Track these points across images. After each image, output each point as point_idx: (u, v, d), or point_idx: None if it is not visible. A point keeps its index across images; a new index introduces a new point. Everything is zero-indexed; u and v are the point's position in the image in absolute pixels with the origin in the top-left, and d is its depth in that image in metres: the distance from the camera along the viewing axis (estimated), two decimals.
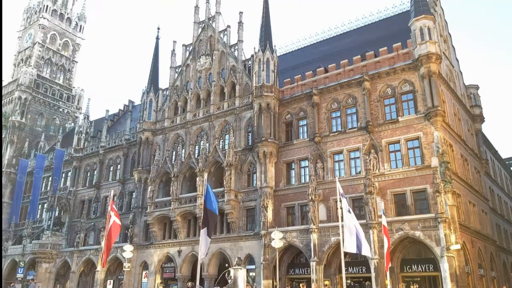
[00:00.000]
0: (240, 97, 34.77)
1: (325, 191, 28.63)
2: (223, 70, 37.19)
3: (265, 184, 30.28)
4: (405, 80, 28.21)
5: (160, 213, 34.64)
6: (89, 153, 45.43)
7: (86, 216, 41.65)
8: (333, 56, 34.15)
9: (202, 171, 32.42)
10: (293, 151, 31.36)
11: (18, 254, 43.72)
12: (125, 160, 41.99)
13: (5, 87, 60.14)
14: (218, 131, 35.21)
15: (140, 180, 37.53)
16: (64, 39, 64.48)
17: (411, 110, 27.48)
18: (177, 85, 39.74)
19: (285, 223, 29.69)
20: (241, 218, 31.61)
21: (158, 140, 38.71)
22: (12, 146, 53.86)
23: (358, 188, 27.14)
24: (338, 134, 29.67)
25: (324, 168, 29.45)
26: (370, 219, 24.60)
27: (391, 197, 26.20)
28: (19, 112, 55.19)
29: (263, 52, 33.31)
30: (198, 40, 39.87)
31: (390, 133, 27.65)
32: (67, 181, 46.86)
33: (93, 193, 42.96)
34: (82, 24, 67.29)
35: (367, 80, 29.04)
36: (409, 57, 28.19)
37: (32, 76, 57.43)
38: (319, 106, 31.03)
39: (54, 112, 60.24)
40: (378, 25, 36.27)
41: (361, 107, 29.23)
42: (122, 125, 48.02)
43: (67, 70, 63.91)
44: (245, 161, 32.73)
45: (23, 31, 64.52)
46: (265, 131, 31.16)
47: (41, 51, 60.80)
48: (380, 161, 27.32)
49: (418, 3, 28.46)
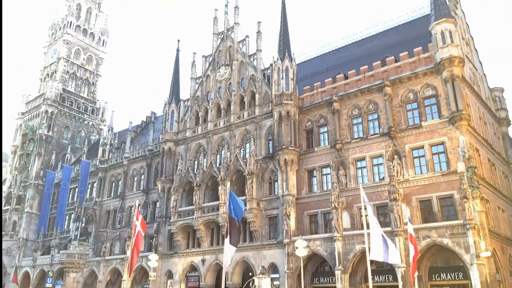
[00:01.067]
0: (260, 105, 34.96)
1: (348, 199, 28.36)
2: (242, 80, 37.51)
3: (287, 192, 30.22)
4: (427, 84, 27.81)
5: (183, 222, 34.97)
6: (114, 164, 46.38)
7: (111, 226, 42.48)
8: (352, 62, 34.01)
9: (224, 180, 32.64)
10: (314, 158, 31.23)
11: (46, 264, 44.88)
12: (148, 170, 42.67)
13: (32, 101, 62.18)
14: (239, 140, 35.44)
15: (164, 190, 38.04)
16: (88, 54, 66.31)
17: (434, 115, 27.03)
18: (198, 96, 40.28)
19: (308, 231, 29.52)
20: (263, 227, 31.60)
21: (180, 150, 39.22)
22: (40, 159, 55.42)
23: (382, 195, 26.78)
24: (360, 141, 29.41)
25: (346, 175, 29.21)
26: (396, 227, 24.23)
27: (416, 204, 25.72)
28: (46, 126, 56.85)
29: (282, 60, 33.46)
30: (217, 51, 40.39)
31: (414, 139, 27.23)
32: (93, 191, 47.89)
33: (118, 203, 43.76)
34: (104, 38, 69.08)
35: (388, 85, 28.76)
36: (430, 61, 27.81)
37: (58, 90, 59.16)
38: (340, 112, 30.87)
39: (80, 125, 61.81)
40: (397, 30, 35.96)
41: (382, 112, 28.93)
42: (145, 136, 48.90)
43: (91, 84, 65.61)
44: (266, 169, 32.79)
45: (48, 47, 66.69)
46: (286, 139, 31.18)
47: (66, 65, 62.64)
48: (404, 167, 26.92)
49: (438, 7, 28.11)
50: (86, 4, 68.83)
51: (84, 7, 68.40)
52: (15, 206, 53.61)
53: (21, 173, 56.07)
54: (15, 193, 54.39)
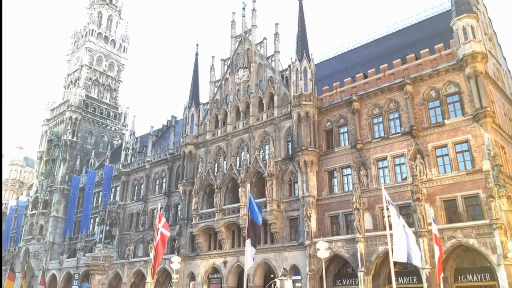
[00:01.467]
0: (278, 107, 34.94)
1: (370, 199, 28.00)
2: (261, 82, 37.59)
3: (307, 194, 30.07)
4: (449, 81, 27.23)
5: (205, 225, 35.23)
6: (136, 168, 47.14)
7: (135, 228, 43.16)
8: (372, 61, 33.62)
9: (244, 182, 32.73)
10: (335, 159, 30.97)
11: (72, 267, 45.92)
12: (170, 173, 43.20)
13: (57, 108, 63.85)
14: (258, 141, 35.49)
15: (185, 193, 38.43)
16: (110, 60, 67.72)
17: (458, 112, 26.44)
18: (217, 99, 40.58)
19: (329, 233, 29.27)
20: (284, 228, 31.50)
21: (201, 153, 39.56)
22: (65, 164, 56.81)
23: (405, 195, 26.32)
24: (381, 140, 29.02)
25: (368, 175, 28.85)
26: (419, 227, 23.75)
27: (440, 204, 25.18)
28: (70, 132, 58.25)
29: (300, 61, 33.37)
30: (235, 54, 40.62)
31: (437, 137, 26.68)
32: (116, 195, 48.76)
33: (141, 207, 44.43)
34: (125, 45, 70.42)
35: (409, 83, 28.30)
36: (452, 57, 27.22)
37: (81, 96, 60.59)
38: (360, 112, 30.54)
39: (103, 130, 63.10)
40: (417, 27, 35.35)
41: (404, 111, 28.48)
42: (166, 139, 49.54)
43: (113, 90, 66.93)
44: (286, 170, 32.71)
45: (71, 55, 68.41)
46: (305, 139, 31.04)
47: (88, 72, 64.14)
48: (427, 166, 26.40)
49: (459, 2, 27.52)
50: (107, 12, 70.36)
51: (105, 15, 69.94)
52: (41, 210, 55.05)
53: (47, 178, 57.56)
54: (41, 197, 55.87)
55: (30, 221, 55.20)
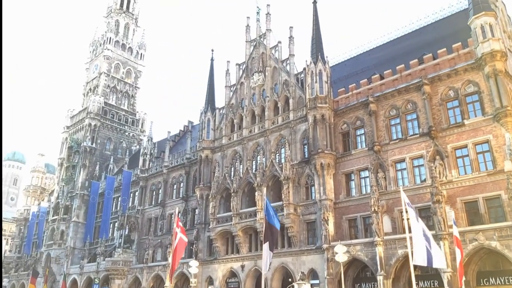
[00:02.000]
0: (294, 110, 34.86)
1: (389, 202, 27.61)
2: (276, 85, 37.60)
3: (324, 197, 29.84)
4: (468, 81, 26.72)
5: (222, 229, 35.32)
6: (154, 173, 47.66)
7: (153, 233, 43.61)
8: (388, 62, 33.26)
9: (260, 186, 32.71)
10: (352, 161, 30.67)
11: (93, 271, 46.58)
12: (187, 178, 43.52)
13: (76, 116, 65.17)
14: (274, 145, 35.46)
15: (202, 197, 38.64)
16: (127, 68, 68.84)
17: (477, 112, 25.90)
18: (233, 103, 40.76)
19: (347, 236, 28.95)
20: (301, 232, 31.32)
21: (217, 157, 39.75)
22: (85, 170, 57.87)
23: (425, 197, 25.87)
24: (399, 142, 28.63)
25: (386, 177, 28.47)
26: (440, 230, 23.30)
27: (461, 206, 24.64)
28: (90, 138, 59.36)
29: (315, 64, 33.27)
30: (250, 58, 40.77)
31: (456, 138, 26.17)
32: (134, 200, 49.36)
33: (159, 211, 44.85)
34: (142, 52, 71.51)
35: (427, 83, 27.88)
36: (471, 56, 26.71)
37: (100, 104, 61.72)
38: (377, 113, 30.21)
39: (121, 136, 64.08)
40: (434, 27, 34.84)
41: (421, 112, 28.05)
42: (183, 144, 49.97)
43: (130, 96, 67.98)
44: (303, 174, 32.55)
45: (90, 63, 69.83)
46: (321, 142, 30.86)
47: (106, 80, 65.32)
48: (446, 167, 25.91)
49: (476, 0, 27.02)
50: (124, 20, 71.63)
51: (122, 23, 71.21)
52: (62, 216, 56.09)
53: (68, 184, 58.70)
54: (62, 203, 56.98)
55: (52, 227, 56.29)
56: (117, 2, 72.28)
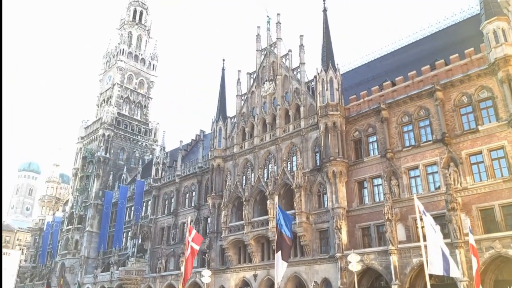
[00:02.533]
0: (305, 118, 34.82)
1: (402, 210, 27.24)
2: (286, 94, 37.65)
3: (337, 205, 29.59)
4: (482, 86, 26.39)
5: (234, 237, 35.24)
6: (166, 182, 47.93)
7: (166, 242, 43.72)
8: (399, 68, 33.08)
9: (272, 194, 32.63)
10: (364, 169, 30.41)
11: (106, 280, 46.83)
12: (199, 187, 43.66)
13: (90, 126, 66.12)
14: (285, 153, 35.39)
15: (214, 206, 38.67)
16: (140, 78, 69.78)
17: (491, 118, 25.53)
18: (244, 112, 40.91)
19: (361, 245, 28.60)
20: (314, 241, 31.05)
21: (229, 165, 39.82)
22: (99, 180, 58.51)
23: (439, 204, 25.48)
24: (412, 149, 28.33)
25: (399, 185, 28.14)
26: (456, 238, 22.88)
27: (477, 213, 24.20)
28: (103, 148, 60.08)
29: (326, 71, 33.25)
30: (261, 67, 40.96)
31: (470, 144, 25.80)
32: (147, 209, 49.63)
33: (172, 220, 44.99)
34: (154, 63, 72.46)
35: (439, 89, 27.61)
36: (483, 62, 26.41)
37: (113, 114, 62.56)
38: (389, 120, 29.99)
39: (134, 146, 64.73)
40: (445, 33, 34.56)
41: (434, 118, 27.76)
42: (195, 153, 50.23)
43: (143, 106, 68.79)
44: (314, 182, 32.37)
45: (103, 74, 70.97)
46: (333, 150, 30.70)
47: (120, 90, 66.27)
48: (461, 174, 25.53)
49: (488, 5, 26.78)
50: (137, 32, 72.78)
51: (134, 35, 72.35)
52: (77, 225, 56.69)
53: (82, 194, 59.36)
54: (76, 213, 57.60)
55: (66, 236, 56.89)
56: (130, 15, 73.58)
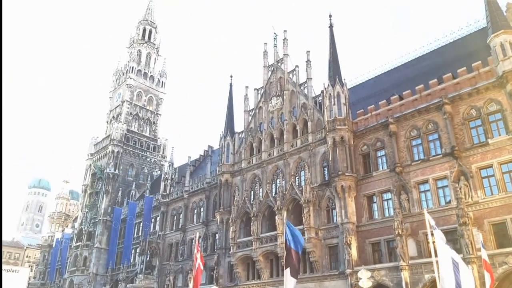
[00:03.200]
0: (312, 133, 34.81)
1: (413, 224, 26.85)
2: (294, 109, 37.77)
3: (346, 220, 29.29)
4: (490, 99, 26.23)
5: (242, 254, 34.95)
6: (175, 198, 47.96)
7: (174, 259, 43.46)
8: (406, 83, 33.05)
9: (281, 209, 32.42)
10: (373, 183, 30.16)
11: None
12: (207, 202, 43.60)
13: (100, 143, 66.81)
14: (293, 168, 35.29)
15: (222, 221, 38.51)
16: (149, 95, 70.68)
17: (501, 131, 25.28)
18: (251, 127, 41.06)
19: (371, 261, 28.16)
20: (323, 257, 30.65)
21: (237, 181, 39.78)
22: (108, 196, 58.80)
23: (450, 219, 25.07)
24: (421, 163, 28.08)
25: (409, 199, 27.83)
26: (468, 253, 22.42)
27: (489, 228, 23.75)
28: (113, 165, 60.55)
29: (333, 86, 33.36)
30: (268, 83, 41.25)
31: (480, 157, 25.51)
32: (156, 225, 49.61)
33: (180, 236, 44.84)
34: (163, 80, 73.50)
35: (448, 103, 27.50)
36: (491, 75, 26.32)
37: (123, 131, 63.24)
38: (397, 134, 29.85)
39: (143, 162, 65.16)
40: (452, 47, 34.59)
41: (443, 132, 27.57)
42: (203, 169, 50.32)
43: (152, 123, 69.49)
44: (323, 196, 32.15)
45: (113, 92, 72.08)
46: (341, 164, 30.56)
47: (129, 107, 67.12)
48: (472, 188, 25.18)
49: (495, 19, 26.85)
50: (146, 50, 74.11)
51: (144, 53, 73.66)
52: (85, 242, 56.78)
53: (91, 211, 59.63)
54: (85, 229, 57.75)
55: (75, 253, 56.96)
56: (139, 33, 75.07)
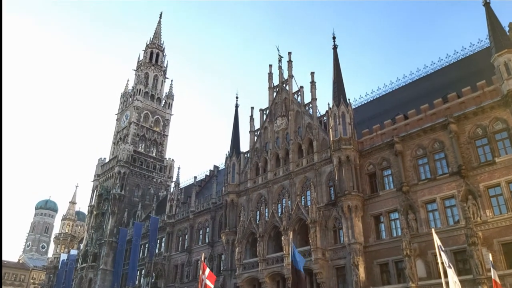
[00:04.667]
0: (318, 152, 34.84)
1: (421, 245, 26.47)
2: (299, 128, 37.94)
3: (353, 240, 28.94)
4: (496, 118, 26.23)
5: (248, 275, 34.49)
6: (180, 219, 47.77)
7: (179, 280, 42.98)
8: (411, 102, 33.18)
9: (287, 230, 32.15)
10: (380, 203, 29.92)
11: None
12: (213, 223, 43.38)
13: (107, 164, 67.21)
14: (299, 187, 35.17)
15: (228, 242, 38.20)
16: (156, 117, 71.44)
17: (508, 150, 25.16)
18: (257, 147, 41.20)
19: (379, 282, 27.67)
20: (331, 278, 30.16)
21: (243, 201, 39.66)
22: (114, 217, 58.67)
23: (459, 239, 24.72)
24: (428, 182, 27.89)
25: (417, 219, 27.50)
26: (478, 274, 22.05)
27: (498, 248, 23.33)
28: (119, 186, 60.70)
29: (338, 106, 33.57)
30: (273, 103, 41.60)
31: (488, 176, 25.30)
32: (161, 246, 49.27)
33: (185, 257, 44.45)
34: (170, 101, 74.41)
35: (453, 122, 27.51)
36: (496, 94, 26.40)
37: (130, 152, 63.66)
38: (403, 154, 29.78)
39: (149, 183, 65.26)
40: (456, 66, 34.88)
41: (449, 151, 27.48)
42: (209, 189, 50.28)
43: (159, 144, 69.95)
44: (330, 216, 31.89)
45: (120, 113, 72.99)
46: (347, 184, 30.42)
47: (136, 129, 67.78)
48: (480, 207, 24.89)
49: (498, 38, 27.13)
50: (153, 73, 75.36)
51: (151, 75, 74.89)
52: (91, 263, 56.41)
53: (97, 232, 59.48)
54: (91, 251, 57.46)
55: (80, 275, 56.54)
56: (147, 57, 76.52)
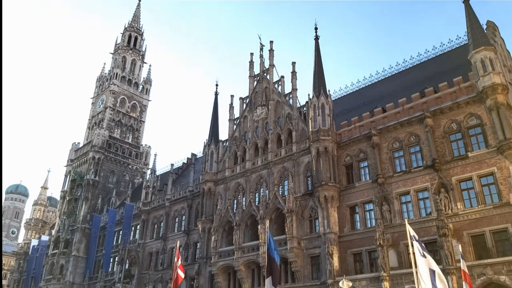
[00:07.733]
0: (297, 143, 34.99)
1: (394, 235, 27.08)
2: (279, 118, 37.96)
3: (329, 230, 29.36)
4: (470, 113, 26.91)
5: (224, 263, 34.57)
6: (156, 206, 47.27)
7: (153, 268, 42.65)
8: (390, 95, 33.67)
9: (263, 219, 32.31)
10: (356, 194, 30.40)
11: None
12: (189, 211, 43.11)
13: (81, 149, 65.57)
14: (277, 177, 35.31)
15: (204, 230, 38.09)
16: (132, 102, 69.94)
17: (481, 145, 25.90)
18: (236, 136, 41.02)
19: (353, 271, 28.23)
20: (305, 267, 30.58)
21: (220, 189, 39.53)
22: (87, 203, 57.46)
23: (430, 230, 25.41)
24: (403, 174, 28.48)
25: (390, 210, 28.11)
26: (447, 264, 22.77)
27: (468, 239, 24.13)
28: (93, 171, 59.38)
29: (318, 97, 33.71)
30: (254, 92, 41.41)
31: (460, 170, 26.03)
32: (136, 234, 48.69)
33: (160, 245, 44.12)
34: (147, 87, 72.91)
35: (429, 116, 28.08)
36: (472, 90, 27.05)
37: (105, 137, 62.21)
38: (380, 146, 30.26)
39: (124, 169, 64.11)
40: (434, 62, 35.52)
41: (425, 144, 28.08)
42: (186, 177, 49.84)
43: (135, 130, 68.63)
44: (306, 206, 32.21)
45: (96, 97, 71.07)
46: (325, 175, 30.73)
47: (112, 114, 66.21)
48: (452, 200, 25.63)
49: (476, 36, 27.71)
50: (131, 57, 73.53)
51: (129, 59, 73.06)
52: (62, 250, 55.16)
53: (69, 218, 58.13)
54: (63, 237, 56.19)
55: (51, 261, 55.28)
56: (125, 40, 74.54)
